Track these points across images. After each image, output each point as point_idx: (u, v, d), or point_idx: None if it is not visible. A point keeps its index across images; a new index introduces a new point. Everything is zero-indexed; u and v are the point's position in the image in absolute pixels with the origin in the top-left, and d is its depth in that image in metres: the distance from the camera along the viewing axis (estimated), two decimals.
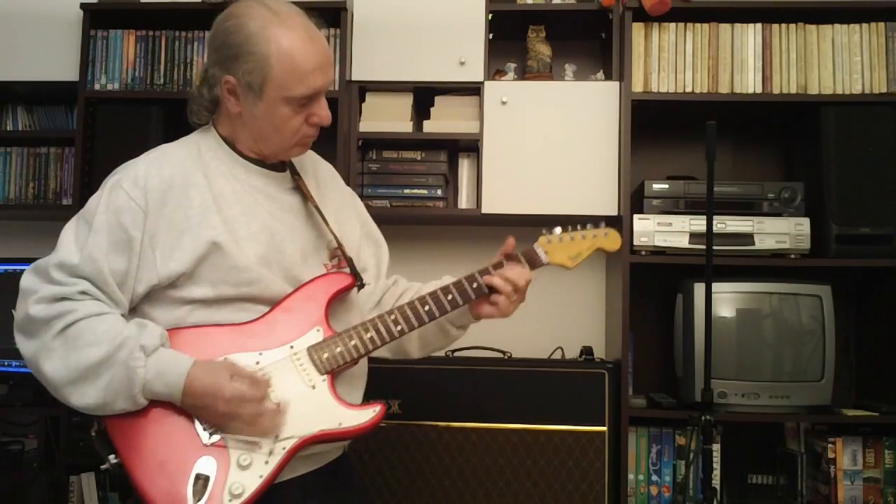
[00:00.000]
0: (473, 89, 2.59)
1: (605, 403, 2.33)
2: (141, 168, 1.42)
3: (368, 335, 1.44)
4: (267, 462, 1.33)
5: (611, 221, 2.59)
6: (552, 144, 2.55)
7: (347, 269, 1.51)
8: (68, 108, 2.87)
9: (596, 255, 2.80)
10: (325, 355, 1.40)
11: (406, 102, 2.64)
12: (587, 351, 2.51)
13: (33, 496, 2.56)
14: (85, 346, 1.31)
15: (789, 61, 2.51)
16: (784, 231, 2.42)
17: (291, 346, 1.40)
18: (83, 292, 1.34)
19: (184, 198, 1.39)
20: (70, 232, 1.39)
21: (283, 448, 1.35)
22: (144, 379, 1.30)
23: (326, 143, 1.77)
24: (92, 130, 2.61)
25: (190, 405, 1.32)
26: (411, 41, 2.61)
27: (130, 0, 2.69)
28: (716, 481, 2.33)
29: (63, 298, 1.33)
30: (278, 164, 1.51)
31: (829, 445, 2.40)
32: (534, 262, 1.55)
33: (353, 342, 1.42)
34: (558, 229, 1.58)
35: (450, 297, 1.49)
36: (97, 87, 2.64)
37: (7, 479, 2.59)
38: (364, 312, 1.58)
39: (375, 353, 1.54)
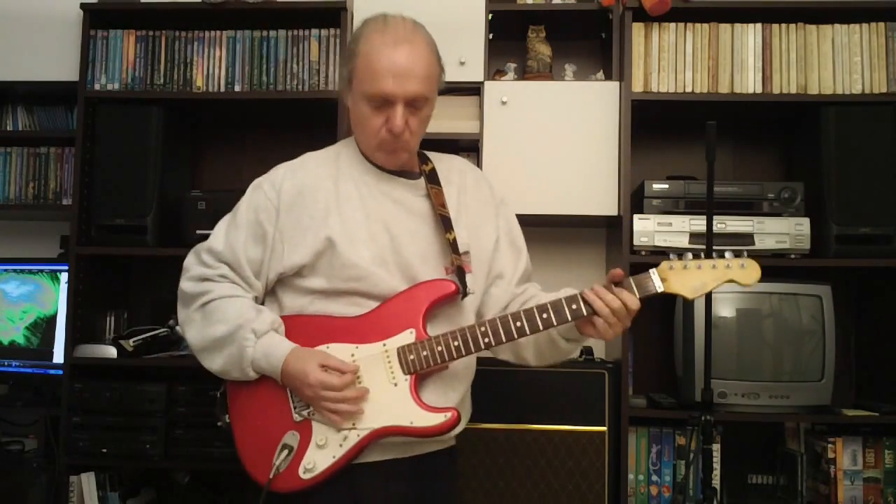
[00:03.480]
0: (473, 89, 2.59)
1: (605, 403, 2.33)
2: (280, 172, 1.64)
3: (455, 343, 1.51)
4: (341, 445, 1.50)
5: (611, 221, 2.65)
6: (552, 144, 2.55)
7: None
8: (68, 108, 2.87)
9: (596, 253, 2.88)
10: (412, 357, 1.52)
11: None
12: (587, 351, 2.50)
13: (33, 496, 2.56)
14: (216, 323, 1.55)
15: (789, 61, 2.51)
16: (784, 231, 2.42)
17: (384, 344, 1.53)
18: (223, 276, 1.59)
19: (311, 200, 1.58)
20: (223, 223, 1.64)
21: (358, 436, 1.50)
22: (252, 357, 1.52)
23: (327, 143, 1.77)
24: (92, 130, 2.61)
25: (288, 384, 1.53)
26: None
27: (130, 0, 2.69)
28: (716, 481, 2.33)
29: (206, 279, 1.59)
30: (412, 172, 1.65)
31: (829, 445, 2.40)
32: (644, 289, 1.50)
33: (439, 348, 1.51)
34: (689, 255, 1.49)
35: (545, 315, 1.51)
36: (97, 87, 2.64)
37: (7, 479, 2.59)
38: (484, 318, 1.62)
39: (502, 356, 1.67)
